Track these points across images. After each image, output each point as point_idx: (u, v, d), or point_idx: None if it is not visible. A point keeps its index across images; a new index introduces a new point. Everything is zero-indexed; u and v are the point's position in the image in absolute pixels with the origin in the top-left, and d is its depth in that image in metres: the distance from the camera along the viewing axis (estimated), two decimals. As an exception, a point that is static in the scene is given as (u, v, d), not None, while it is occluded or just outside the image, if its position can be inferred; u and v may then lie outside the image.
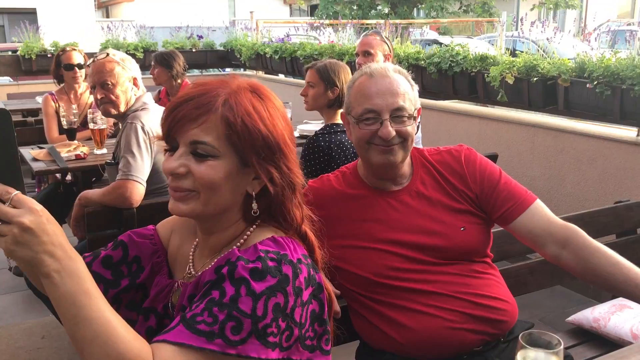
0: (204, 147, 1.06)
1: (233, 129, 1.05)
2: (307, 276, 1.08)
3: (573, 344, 1.95)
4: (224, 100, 1.07)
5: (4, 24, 16.45)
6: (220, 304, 0.98)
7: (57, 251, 0.91)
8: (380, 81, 1.60)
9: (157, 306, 1.20)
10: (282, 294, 1.01)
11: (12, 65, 6.99)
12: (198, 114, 1.06)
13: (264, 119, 1.08)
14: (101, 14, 25.48)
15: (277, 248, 1.07)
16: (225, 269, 1.02)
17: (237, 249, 1.09)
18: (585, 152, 3.50)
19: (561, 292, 3.50)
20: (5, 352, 2.94)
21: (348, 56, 5.55)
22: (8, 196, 0.89)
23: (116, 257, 1.25)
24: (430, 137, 4.44)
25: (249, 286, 0.99)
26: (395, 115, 1.58)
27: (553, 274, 2.11)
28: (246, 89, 1.11)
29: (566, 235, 1.59)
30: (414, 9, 19.54)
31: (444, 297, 1.52)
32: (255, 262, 1.02)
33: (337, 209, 1.64)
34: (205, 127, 1.06)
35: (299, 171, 1.15)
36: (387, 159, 1.58)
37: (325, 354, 1.14)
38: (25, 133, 4.40)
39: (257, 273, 1.00)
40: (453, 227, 1.59)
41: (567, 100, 3.67)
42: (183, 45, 7.59)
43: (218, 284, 1.01)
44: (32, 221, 0.89)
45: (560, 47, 4.27)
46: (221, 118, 1.06)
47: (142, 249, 1.26)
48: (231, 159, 1.07)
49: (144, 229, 1.31)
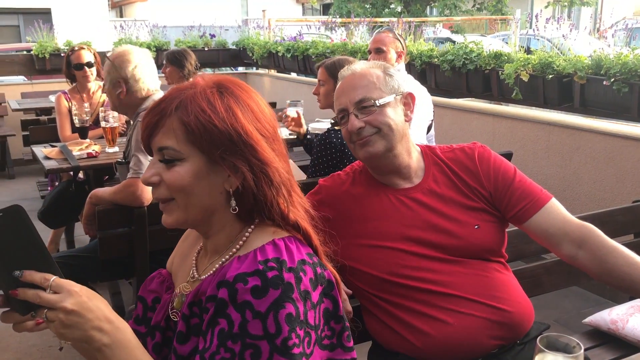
0: (169, 152, 1.06)
1: (188, 128, 1.04)
2: (314, 276, 1.06)
3: (590, 346, 1.91)
4: (178, 103, 1.06)
5: (19, 24, 16.57)
6: (232, 335, 0.97)
7: (104, 325, 0.96)
8: (346, 80, 1.66)
9: (160, 321, 1.19)
10: (290, 303, 0.98)
11: (26, 64, 7.03)
12: (156, 120, 1.07)
13: (219, 113, 1.05)
14: (115, 13, 25.65)
15: (277, 254, 1.04)
16: (225, 292, 1.00)
17: (236, 259, 1.06)
18: (601, 151, 3.45)
19: (577, 293, 3.45)
20: (18, 350, 2.95)
21: (360, 54, 5.52)
22: (47, 283, 0.93)
23: (141, 311, 1.26)
24: (444, 135, 4.40)
25: (252, 308, 0.97)
26: (360, 107, 1.60)
27: (569, 275, 2.07)
28: (209, 87, 1.09)
29: (582, 235, 1.55)
30: (427, 7, 19.46)
31: (461, 299, 1.49)
32: (254, 277, 0.99)
33: (349, 207, 1.62)
34: (165, 132, 1.06)
35: (278, 163, 1.10)
36: (368, 151, 1.59)
37: (348, 350, 1.12)
38: (38, 132, 4.42)
39: (258, 291, 0.98)
40: (467, 225, 1.57)
41: (583, 98, 3.62)
42: (195, 44, 7.60)
43: (222, 311, 1.00)
44: (74, 303, 0.93)
45: (575, 44, 4.21)
46: (177, 120, 1.05)
47: (156, 289, 1.27)
48: (197, 159, 1.06)
49: (154, 273, 1.32)
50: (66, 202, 3.45)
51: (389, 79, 1.63)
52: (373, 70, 1.65)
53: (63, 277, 0.96)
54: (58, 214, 3.49)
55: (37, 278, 0.94)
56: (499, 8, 18.89)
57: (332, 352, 1.09)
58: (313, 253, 1.12)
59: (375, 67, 1.67)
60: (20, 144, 5.28)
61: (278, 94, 7.17)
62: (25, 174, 6.48)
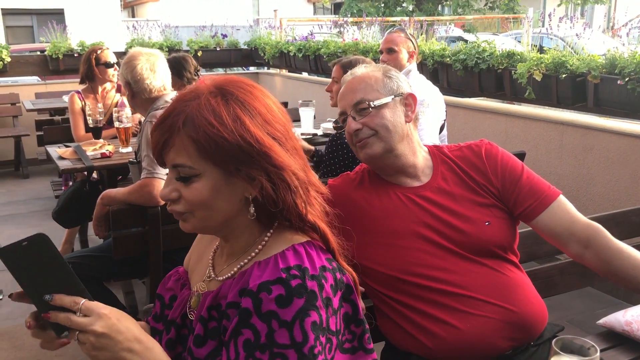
0: (184, 170, 1.05)
1: (199, 144, 1.03)
2: (334, 282, 1.06)
3: (604, 348, 1.89)
4: (184, 118, 1.04)
5: (33, 25, 16.72)
6: (259, 345, 0.97)
7: (134, 346, 0.98)
8: (346, 85, 1.68)
9: (176, 317, 1.21)
10: (314, 311, 0.99)
11: (40, 64, 7.10)
12: (166, 138, 1.06)
13: (227, 125, 1.02)
14: (127, 13, 25.78)
15: (298, 261, 1.04)
16: (249, 302, 1.00)
17: (256, 265, 1.06)
18: (615, 151, 3.42)
19: (590, 294, 3.43)
20: (33, 348, 2.98)
21: (372, 54, 5.52)
22: (77, 307, 0.96)
23: (159, 309, 1.28)
24: (456, 135, 4.39)
25: (278, 318, 0.97)
26: (357, 109, 1.61)
27: (583, 276, 2.06)
28: (211, 94, 1.06)
29: (588, 235, 1.55)
30: (439, 6, 19.38)
31: (474, 300, 1.48)
32: (277, 285, 0.99)
33: (359, 206, 1.62)
34: (177, 150, 1.05)
35: (294, 165, 1.08)
36: (366, 153, 1.61)
37: (369, 352, 1.12)
38: (52, 132, 4.46)
39: (283, 300, 0.98)
40: (478, 221, 1.56)
41: (597, 97, 3.59)
42: (207, 44, 7.63)
43: (246, 321, 0.99)
44: (104, 326, 0.96)
45: (589, 43, 4.18)
46: (186, 137, 1.04)
47: (173, 287, 1.28)
48: (213, 173, 1.05)
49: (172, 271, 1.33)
50: (80, 202, 3.48)
51: (387, 80, 1.64)
52: (372, 72, 1.66)
53: (92, 300, 0.99)
54: (72, 213, 3.52)
55: (66, 302, 0.97)
56: (511, 7, 18.77)
57: (354, 355, 1.10)
58: (332, 258, 1.12)
59: (375, 70, 1.68)
60: (34, 144, 5.34)
61: (290, 94, 7.18)
62: (40, 174, 6.54)
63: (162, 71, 2.75)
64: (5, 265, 0.95)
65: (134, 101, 2.78)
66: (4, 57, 6.62)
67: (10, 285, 3.74)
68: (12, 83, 7.37)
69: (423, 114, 3.08)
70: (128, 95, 2.78)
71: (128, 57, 2.74)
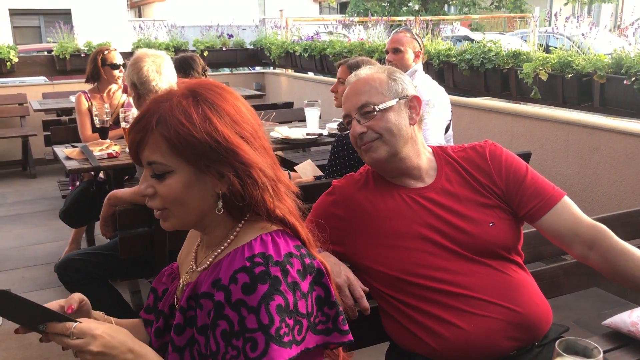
0: (157, 167, 1.12)
1: (171, 143, 1.10)
2: (302, 268, 1.11)
3: (610, 348, 1.89)
4: (157, 118, 1.11)
5: (40, 25, 16.80)
6: (234, 333, 1.04)
7: (128, 356, 1.05)
8: (352, 86, 1.66)
9: (165, 308, 1.28)
10: (278, 295, 1.05)
11: (48, 65, 7.13)
12: (140, 137, 1.12)
13: (197, 125, 1.09)
14: (133, 13, 25.86)
15: (263, 249, 1.09)
16: (221, 295, 1.07)
17: (226, 257, 1.13)
18: (622, 151, 3.41)
19: (596, 294, 3.42)
20: (40, 347, 2.99)
21: (378, 53, 5.52)
22: (69, 332, 1.03)
23: (152, 301, 1.37)
24: (462, 135, 4.38)
25: (246, 305, 1.04)
26: (362, 112, 1.60)
27: (589, 276, 2.05)
28: (184, 96, 1.13)
29: (593, 236, 1.54)
30: (445, 5, 19.35)
31: (477, 301, 1.48)
32: (242, 274, 1.06)
33: (363, 207, 1.62)
34: (150, 148, 1.12)
35: (261, 162, 1.14)
36: (371, 157, 1.61)
37: (344, 333, 1.17)
38: (59, 132, 4.47)
39: (248, 288, 1.05)
40: (481, 222, 1.56)
41: (603, 97, 3.58)
42: (213, 44, 7.64)
43: (220, 313, 1.06)
44: (99, 345, 1.03)
45: (595, 42, 4.17)
46: (159, 136, 1.10)
47: (166, 282, 1.36)
48: (185, 170, 1.12)
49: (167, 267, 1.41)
50: (87, 202, 3.49)
51: (392, 82, 1.63)
52: (377, 74, 1.65)
53: (79, 321, 1.05)
54: (79, 213, 3.54)
55: (59, 329, 1.04)
56: (517, 5, 18.73)
57: (329, 336, 1.15)
58: (301, 245, 1.17)
59: (380, 71, 1.67)
60: (41, 144, 5.36)
61: (295, 94, 7.19)
62: (47, 174, 6.57)
63: (168, 73, 2.77)
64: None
65: (139, 102, 2.79)
66: (11, 58, 6.66)
67: (18, 284, 3.76)
68: (20, 83, 7.42)
69: (428, 114, 3.08)
70: (134, 96, 2.79)
71: (134, 58, 2.76)
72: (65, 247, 4.07)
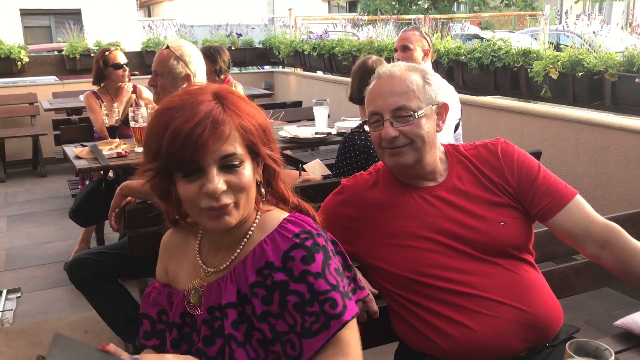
0: (233, 158, 1.12)
1: (240, 131, 1.13)
2: (326, 239, 1.20)
3: (621, 349, 1.87)
4: (223, 110, 1.12)
5: (51, 25, 16.88)
6: (307, 301, 1.11)
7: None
8: (384, 82, 1.59)
9: (176, 318, 1.26)
10: (330, 260, 1.15)
11: (58, 64, 7.17)
12: (220, 130, 1.10)
13: (253, 109, 1.17)
14: (143, 13, 25.96)
15: (300, 227, 1.17)
16: (281, 275, 1.12)
17: (260, 245, 1.16)
18: (633, 149, 3.38)
19: (608, 294, 3.39)
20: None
21: (387, 52, 5.50)
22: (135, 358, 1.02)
23: (149, 326, 1.33)
24: (472, 134, 4.36)
25: (310, 273, 1.11)
26: (396, 115, 1.55)
27: (600, 276, 2.03)
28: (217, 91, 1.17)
29: (605, 236, 1.52)
30: (455, 4, 19.28)
31: (488, 301, 1.47)
32: (296, 250, 1.13)
33: (373, 206, 1.61)
34: (230, 140, 1.12)
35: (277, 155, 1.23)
36: (397, 162, 1.57)
37: (362, 289, 1.26)
38: (69, 131, 4.50)
39: (307, 259, 1.12)
40: (493, 221, 1.55)
41: (614, 96, 3.55)
42: (222, 43, 7.64)
43: (286, 290, 1.12)
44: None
45: (607, 40, 4.14)
46: (236, 126, 1.12)
47: (157, 302, 1.33)
48: (249, 159, 1.16)
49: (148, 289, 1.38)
50: (96, 201, 3.50)
51: (427, 87, 1.59)
52: (413, 75, 1.59)
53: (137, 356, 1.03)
54: (88, 212, 3.55)
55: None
56: (528, 4, 18.63)
57: (355, 295, 1.22)
58: (314, 221, 1.24)
59: (414, 71, 1.61)
60: (51, 143, 5.40)
61: (304, 93, 7.18)
62: (57, 173, 6.61)
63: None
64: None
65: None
66: (22, 58, 6.69)
67: (28, 282, 3.78)
68: (30, 83, 7.46)
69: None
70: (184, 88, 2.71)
71: (187, 48, 2.72)
72: (75, 246, 4.09)
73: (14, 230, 4.85)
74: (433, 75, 1.65)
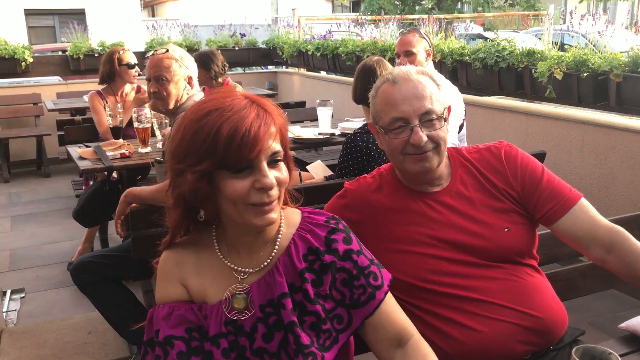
0: (279, 155, 1.19)
1: (282, 129, 1.21)
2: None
3: (626, 352, 1.86)
4: (264, 110, 1.18)
5: (55, 25, 16.93)
6: (354, 276, 1.25)
7: None
8: (404, 86, 1.54)
9: (217, 329, 1.21)
10: (357, 239, 1.31)
11: (62, 64, 7.19)
12: (270, 128, 1.17)
13: (278, 110, 1.23)
14: (147, 13, 26.00)
15: (323, 216, 1.31)
16: (329, 257, 1.24)
17: (298, 235, 1.27)
18: (638, 150, 3.36)
19: (613, 295, 3.37)
20: (54, 346, 3.01)
21: (390, 52, 5.49)
22: None
23: (184, 346, 1.21)
24: (475, 134, 4.35)
25: (353, 251, 1.27)
26: (424, 119, 1.52)
27: (605, 278, 2.02)
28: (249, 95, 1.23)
29: (611, 239, 1.51)
30: (459, 3, 19.25)
31: (491, 305, 1.46)
32: (335, 234, 1.27)
33: (376, 211, 1.60)
34: (276, 138, 1.19)
35: None
36: (423, 167, 1.53)
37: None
38: (73, 132, 4.51)
39: (346, 239, 1.28)
40: (496, 227, 1.54)
41: (619, 96, 3.54)
42: (226, 43, 7.66)
43: (334, 268, 1.24)
44: None
45: (611, 40, 4.12)
46: (274, 125, 1.18)
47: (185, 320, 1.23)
48: (284, 155, 1.23)
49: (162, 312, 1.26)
50: (100, 202, 3.51)
51: (442, 89, 1.58)
52: (426, 79, 1.56)
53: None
54: (92, 213, 3.55)
55: None
56: (531, 4, 18.59)
57: None
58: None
59: (425, 74, 1.58)
60: (55, 143, 5.41)
61: (308, 93, 7.18)
62: (61, 173, 6.62)
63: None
64: None
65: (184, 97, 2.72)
66: (26, 58, 6.71)
67: (32, 283, 3.79)
68: (35, 83, 7.48)
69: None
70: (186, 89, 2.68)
71: (183, 53, 2.71)
72: (79, 246, 4.09)
73: (18, 230, 4.86)
74: (439, 77, 1.64)
